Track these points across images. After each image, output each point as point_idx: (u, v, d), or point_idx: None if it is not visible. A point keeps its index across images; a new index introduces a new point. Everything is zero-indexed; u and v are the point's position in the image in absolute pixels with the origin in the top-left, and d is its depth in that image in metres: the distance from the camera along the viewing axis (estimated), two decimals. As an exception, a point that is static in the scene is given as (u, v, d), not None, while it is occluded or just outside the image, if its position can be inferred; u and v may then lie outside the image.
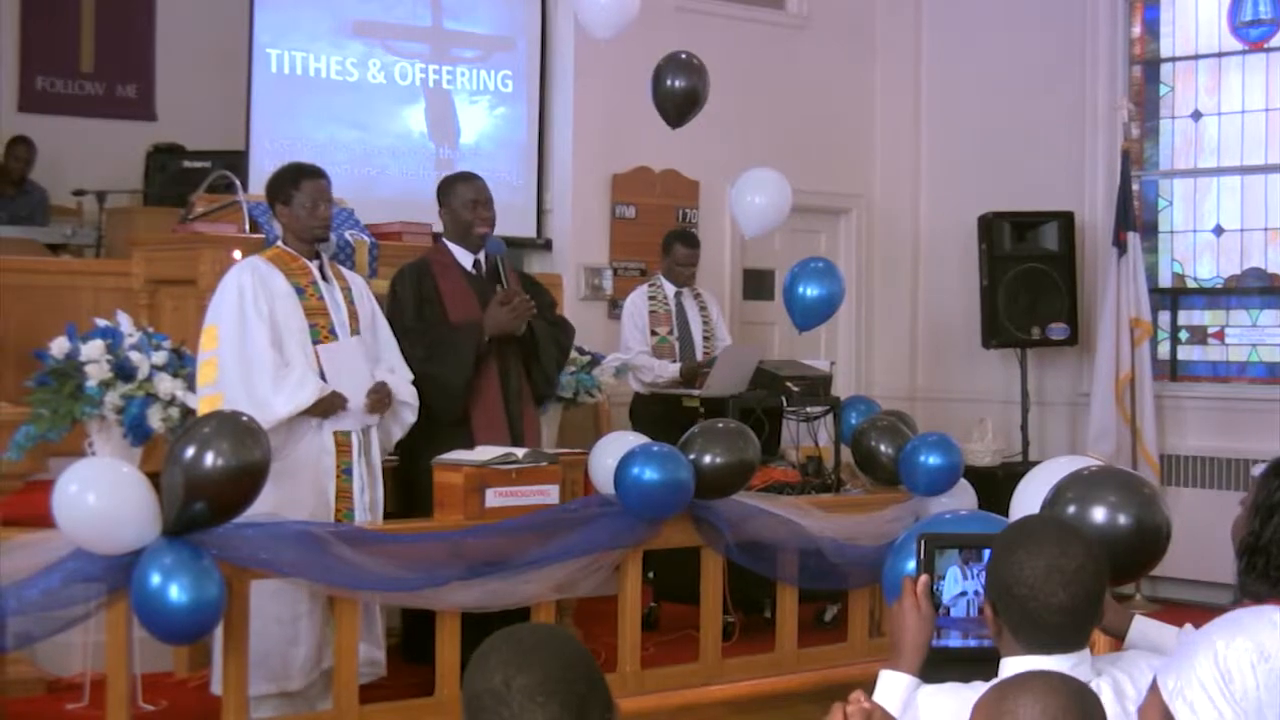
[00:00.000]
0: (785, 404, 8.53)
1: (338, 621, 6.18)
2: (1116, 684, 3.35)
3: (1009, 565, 3.24)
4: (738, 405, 8.34)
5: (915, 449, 7.72)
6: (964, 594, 3.69)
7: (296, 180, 6.76)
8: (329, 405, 6.56)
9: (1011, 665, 3.22)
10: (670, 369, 9.41)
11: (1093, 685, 3.00)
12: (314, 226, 6.75)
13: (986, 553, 3.58)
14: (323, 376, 6.57)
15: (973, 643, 3.67)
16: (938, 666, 3.57)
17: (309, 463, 6.56)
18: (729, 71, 10.48)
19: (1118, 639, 4.00)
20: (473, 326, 7.29)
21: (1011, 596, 3.22)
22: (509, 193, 10.25)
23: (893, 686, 3.51)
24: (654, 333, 9.62)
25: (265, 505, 5.82)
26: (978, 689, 3.03)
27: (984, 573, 3.55)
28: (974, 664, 3.49)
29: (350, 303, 6.82)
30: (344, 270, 7.06)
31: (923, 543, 3.72)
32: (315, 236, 6.78)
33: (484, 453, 6.65)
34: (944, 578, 3.70)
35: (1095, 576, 3.25)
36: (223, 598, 5.47)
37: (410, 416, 7.01)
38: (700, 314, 9.79)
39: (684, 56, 9.09)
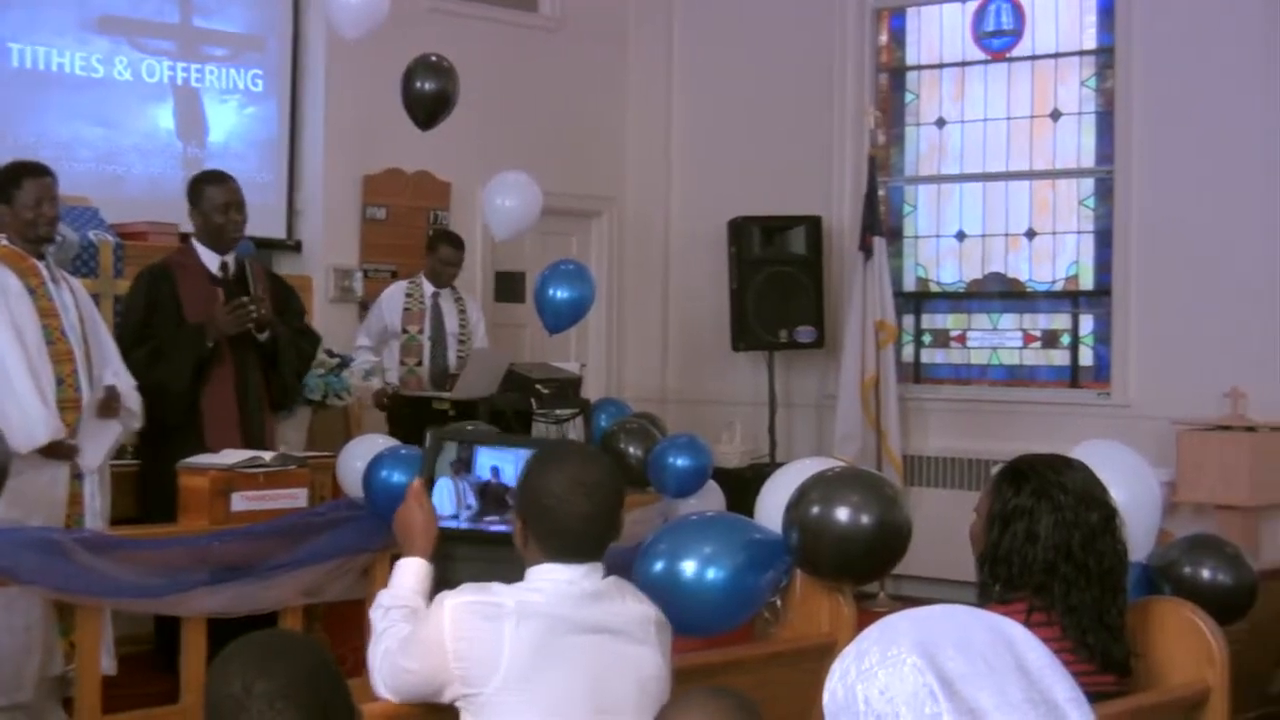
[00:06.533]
0: (535, 406, 8.55)
1: (80, 630, 6.05)
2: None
3: (539, 479, 3.62)
4: (488, 408, 8.35)
5: (664, 451, 7.76)
6: (458, 503, 4.42)
7: (18, 179, 6.62)
8: (57, 451, 6.44)
9: (536, 573, 3.63)
10: (371, 382, 9.40)
11: (607, 582, 3.71)
12: (38, 226, 6.60)
13: (476, 465, 4.39)
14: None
15: (465, 525, 4.42)
16: (448, 543, 4.16)
17: (39, 468, 6.40)
18: (482, 73, 10.47)
19: None
20: (195, 329, 7.22)
21: (541, 506, 3.59)
22: (259, 193, 10.11)
23: (408, 567, 3.90)
24: (404, 330, 9.59)
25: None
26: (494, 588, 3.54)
27: (475, 486, 4.35)
28: (476, 543, 4.25)
29: (77, 305, 6.72)
30: (62, 271, 6.93)
31: (429, 435, 4.49)
32: (39, 236, 6.64)
33: (230, 456, 6.57)
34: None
35: (614, 491, 3.68)
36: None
37: (135, 424, 6.92)
38: (459, 316, 9.76)
39: (433, 59, 9.07)
